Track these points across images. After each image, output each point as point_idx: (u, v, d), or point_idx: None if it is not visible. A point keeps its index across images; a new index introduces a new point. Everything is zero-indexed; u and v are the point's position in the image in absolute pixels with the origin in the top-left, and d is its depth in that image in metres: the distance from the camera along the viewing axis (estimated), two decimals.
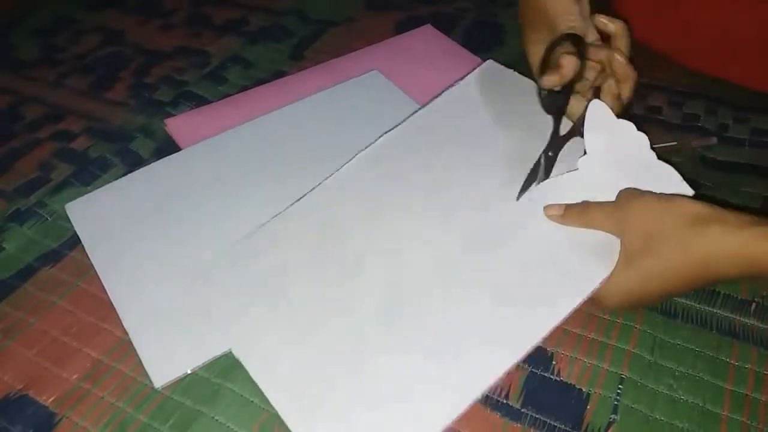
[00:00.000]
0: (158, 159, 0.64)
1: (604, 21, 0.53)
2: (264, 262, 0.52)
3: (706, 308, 0.49)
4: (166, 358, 0.48)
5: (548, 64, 0.53)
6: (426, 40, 0.78)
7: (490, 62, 0.64)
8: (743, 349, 0.47)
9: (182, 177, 0.61)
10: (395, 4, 0.86)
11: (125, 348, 0.49)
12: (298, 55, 0.79)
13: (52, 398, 0.47)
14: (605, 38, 0.54)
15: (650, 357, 0.47)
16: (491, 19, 0.83)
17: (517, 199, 0.52)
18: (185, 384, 0.47)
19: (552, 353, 0.47)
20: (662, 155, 0.48)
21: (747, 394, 0.44)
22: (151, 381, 0.47)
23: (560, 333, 0.48)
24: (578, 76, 0.52)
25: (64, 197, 0.61)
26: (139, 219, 0.58)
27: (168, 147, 0.66)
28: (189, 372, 0.47)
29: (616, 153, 0.50)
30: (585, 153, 0.51)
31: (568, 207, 0.49)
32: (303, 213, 0.55)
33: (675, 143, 0.61)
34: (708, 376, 0.45)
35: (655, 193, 0.45)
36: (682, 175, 0.47)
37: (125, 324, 0.50)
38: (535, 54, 0.55)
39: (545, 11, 0.54)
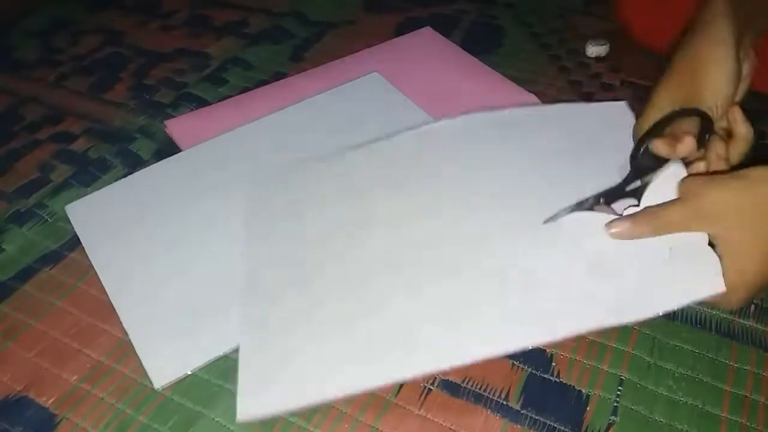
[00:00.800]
0: (158, 160, 0.64)
1: (737, 119, 0.47)
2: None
3: (706, 310, 0.49)
4: (166, 359, 0.48)
5: (666, 124, 0.48)
6: (425, 42, 0.79)
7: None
8: (742, 351, 0.47)
9: (182, 178, 0.61)
10: (395, 6, 0.86)
11: (125, 349, 0.49)
12: (298, 57, 0.79)
13: (52, 399, 0.47)
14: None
15: (650, 358, 0.47)
16: (491, 21, 0.83)
17: (544, 222, 0.48)
18: (185, 385, 0.47)
19: (551, 355, 0.47)
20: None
21: (746, 396, 0.44)
22: (151, 382, 0.47)
23: None
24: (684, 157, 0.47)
25: (64, 198, 0.62)
26: (139, 220, 0.58)
27: (168, 148, 0.66)
28: (189, 373, 0.47)
29: None
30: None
31: (633, 217, 0.44)
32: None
33: None
34: (707, 378, 0.45)
35: (716, 174, 0.42)
36: None
37: (125, 325, 0.50)
38: (658, 103, 0.49)
39: (699, 69, 0.47)
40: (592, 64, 0.75)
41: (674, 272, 0.44)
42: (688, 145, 0.46)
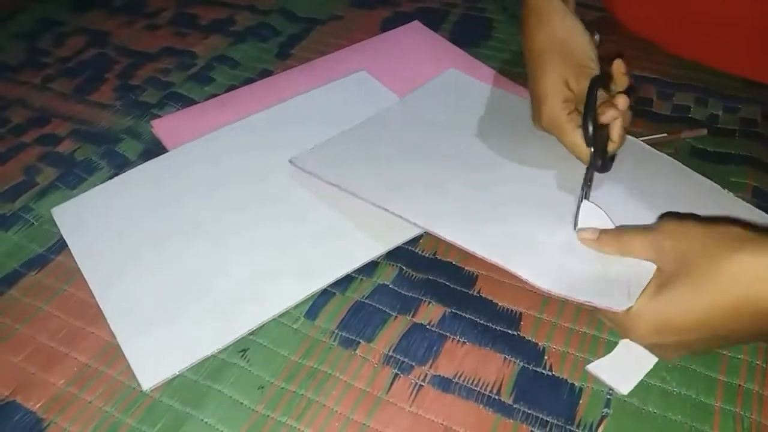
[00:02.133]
0: (145, 161, 0.63)
1: (623, 72, 0.52)
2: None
3: None
4: (154, 360, 0.47)
5: (593, 101, 0.51)
6: (414, 36, 0.78)
7: (452, 70, 0.67)
8: None
9: (169, 178, 0.61)
10: (382, 1, 0.86)
11: (113, 351, 0.49)
12: (284, 54, 0.78)
13: (40, 404, 0.46)
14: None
15: None
16: (479, 14, 0.82)
17: (576, 229, 0.49)
18: (174, 386, 0.46)
19: (544, 348, 0.47)
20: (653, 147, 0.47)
21: (740, 385, 0.44)
22: (139, 384, 0.46)
23: (551, 327, 0.48)
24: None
25: (50, 201, 0.61)
26: (125, 222, 0.57)
27: (155, 148, 0.66)
28: (177, 374, 0.47)
29: None
30: None
31: (603, 232, 0.46)
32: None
33: (665, 135, 0.61)
34: (701, 368, 0.45)
35: (697, 217, 0.43)
36: None
37: (112, 327, 0.50)
38: (553, 84, 0.53)
39: (566, 44, 0.54)
40: None
41: (609, 272, 0.45)
42: (623, 101, 0.50)
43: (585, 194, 0.50)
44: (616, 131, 0.51)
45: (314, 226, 0.55)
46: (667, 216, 0.45)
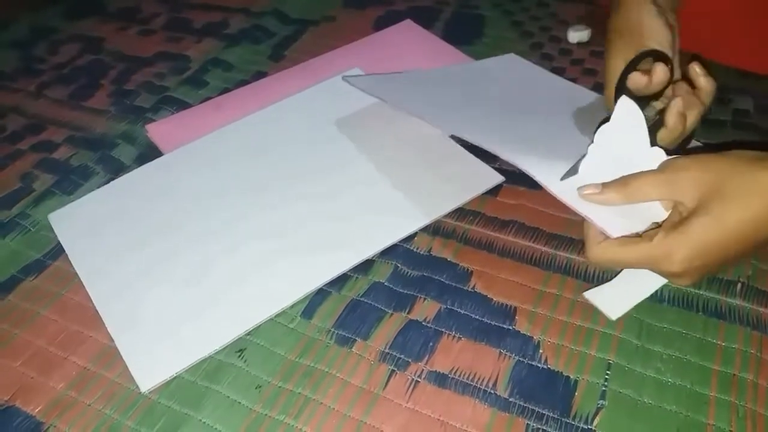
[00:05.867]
0: (140, 165, 0.64)
1: (698, 71, 0.51)
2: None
3: (692, 290, 0.49)
4: (152, 362, 0.48)
5: (633, 68, 0.51)
6: (406, 35, 0.78)
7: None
8: (730, 330, 0.47)
9: (164, 182, 0.61)
10: (374, 0, 0.86)
11: (111, 354, 0.49)
12: (278, 56, 0.79)
13: (40, 408, 0.47)
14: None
15: (637, 341, 0.46)
16: (471, 11, 0.83)
17: (562, 178, 0.47)
18: (172, 388, 0.47)
19: (539, 341, 0.47)
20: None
21: (734, 374, 0.44)
22: (137, 386, 0.47)
23: (546, 321, 0.48)
24: (663, 90, 0.51)
25: (47, 207, 0.61)
26: (122, 226, 0.58)
27: (150, 153, 0.66)
28: (175, 375, 0.47)
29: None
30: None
31: (606, 185, 0.45)
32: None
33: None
34: (695, 358, 0.45)
35: (700, 154, 0.43)
36: None
37: (110, 330, 0.50)
38: (615, 66, 0.52)
39: (638, 26, 0.52)
40: (574, 50, 0.75)
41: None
42: (662, 72, 0.49)
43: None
44: (671, 117, 0.49)
45: (310, 227, 0.56)
46: (674, 158, 0.44)
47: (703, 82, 0.51)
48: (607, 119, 0.48)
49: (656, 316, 0.48)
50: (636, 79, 0.50)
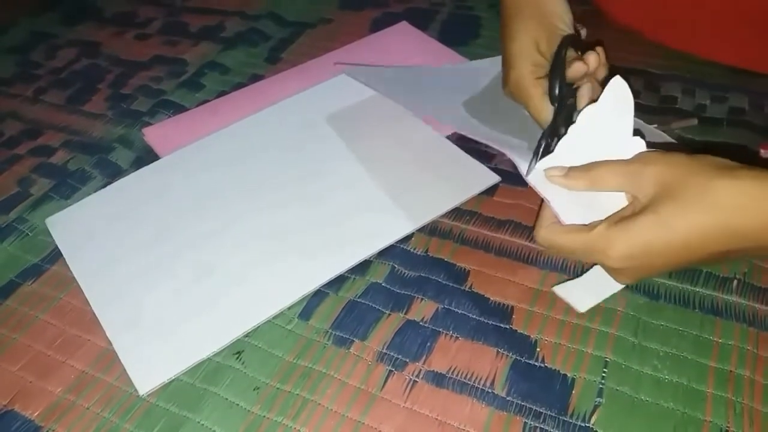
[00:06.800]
0: (137, 169, 0.64)
1: (602, 62, 0.52)
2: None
3: (689, 287, 0.49)
4: (150, 365, 0.48)
5: (562, 58, 0.50)
6: (402, 36, 0.79)
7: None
8: (726, 326, 0.47)
9: (162, 186, 0.61)
10: (370, 3, 0.86)
11: (109, 358, 0.49)
12: (274, 58, 0.79)
13: (38, 412, 0.47)
14: None
15: (634, 339, 0.47)
16: (467, 12, 0.83)
17: (526, 175, 0.47)
18: (170, 390, 0.47)
19: (536, 340, 0.47)
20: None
21: (731, 371, 0.44)
22: (135, 389, 0.47)
23: (543, 320, 0.48)
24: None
25: (45, 212, 0.61)
26: (119, 229, 0.58)
27: (147, 156, 0.66)
28: (173, 377, 0.47)
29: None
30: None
31: (572, 169, 0.45)
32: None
33: (655, 126, 0.61)
34: (692, 355, 0.45)
35: (673, 153, 0.42)
36: None
37: (108, 334, 0.50)
38: (520, 47, 0.52)
39: (539, 5, 0.53)
40: None
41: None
42: (594, 58, 0.50)
43: (538, 154, 0.47)
44: (583, 96, 0.49)
45: (307, 228, 0.56)
46: (646, 151, 0.44)
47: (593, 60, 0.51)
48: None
49: (653, 314, 0.48)
50: (578, 68, 0.50)
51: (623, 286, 0.47)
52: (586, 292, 0.48)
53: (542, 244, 0.45)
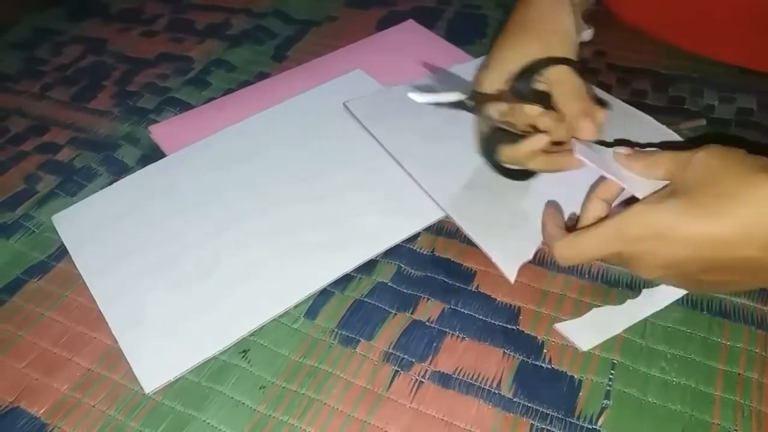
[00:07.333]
0: (143, 166, 0.64)
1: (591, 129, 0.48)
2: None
3: None
4: (156, 363, 0.48)
5: (534, 71, 0.49)
6: (408, 35, 0.78)
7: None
8: (734, 329, 0.46)
9: (168, 183, 0.61)
10: (376, 1, 0.86)
11: (115, 356, 0.49)
12: (280, 56, 0.79)
13: (44, 409, 0.47)
14: None
15: (642, 341, 0.46)
16: (474, 11, 0.82)
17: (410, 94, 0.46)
18: (176, 389, 0.47)
19: (543, 341, 0.47)
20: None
21: (739, 373, 0.44)
22: (141, 387, 0.47)
23: (550, 321, 0.48)
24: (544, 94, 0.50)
25: (51, 209, 0.61)
26: (125, 227, 0.58)
27: (153, 154, 0.66)
28: (179, 376, 0.47)
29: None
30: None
31: (637, 150, 0.45)
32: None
33: (663, 126, 0.61)
34: (700, 357, 0.45)
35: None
36: None
37: (114, 331, 0.50)
38: (507, 57, 0.51)
39: (542, 20, 0.51)
40: None
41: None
42: (602, 117, 0.48)
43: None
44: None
45: (314, 227, 0.56)
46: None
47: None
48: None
49: (660, 316, 0.48)
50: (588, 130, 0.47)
51: (624, 327, 0.47)
52: (588, 330, 0.47)
53: (565, 257, 0.44)
